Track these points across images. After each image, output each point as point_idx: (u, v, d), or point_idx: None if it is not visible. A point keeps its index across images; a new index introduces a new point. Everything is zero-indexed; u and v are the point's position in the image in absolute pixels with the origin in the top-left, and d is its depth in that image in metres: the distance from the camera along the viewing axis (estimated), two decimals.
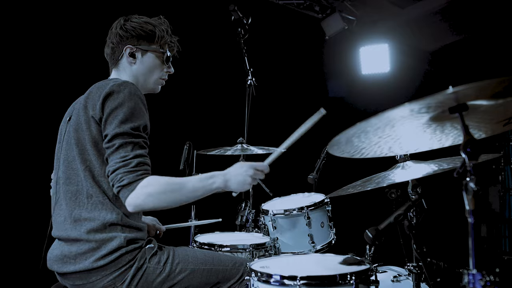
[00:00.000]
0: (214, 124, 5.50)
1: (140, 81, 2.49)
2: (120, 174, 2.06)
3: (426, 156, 2.24)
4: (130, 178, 2.04)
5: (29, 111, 4.30)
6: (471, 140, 1.43)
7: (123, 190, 2.05)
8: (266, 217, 3.27)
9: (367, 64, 6.75)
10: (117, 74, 2.51)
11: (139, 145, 2.13)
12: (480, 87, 1.32)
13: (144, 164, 2.11)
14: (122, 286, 2.13)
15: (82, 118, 2.20)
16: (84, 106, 2.22)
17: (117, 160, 2.08)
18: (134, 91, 2.19)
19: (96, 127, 2.17)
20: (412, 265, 2.25)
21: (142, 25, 2.46)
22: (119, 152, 2.09)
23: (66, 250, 2.15)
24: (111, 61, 2.54)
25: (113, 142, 2.10)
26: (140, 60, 2.49)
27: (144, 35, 2.47)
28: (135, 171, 2.06)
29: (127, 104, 2.14)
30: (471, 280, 1.36)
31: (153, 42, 2.50)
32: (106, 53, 2.55)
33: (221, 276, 2.32)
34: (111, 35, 2.49)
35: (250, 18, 4.21)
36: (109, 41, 2.51)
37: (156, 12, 2.60)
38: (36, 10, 4.35)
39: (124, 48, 2.46)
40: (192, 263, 2.28)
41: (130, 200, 2.04)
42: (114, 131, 2.10)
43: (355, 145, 1.72)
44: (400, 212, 1.96)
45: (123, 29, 2.45)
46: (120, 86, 2.18)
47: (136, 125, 2.14)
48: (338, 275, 1.95)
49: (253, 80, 4.15)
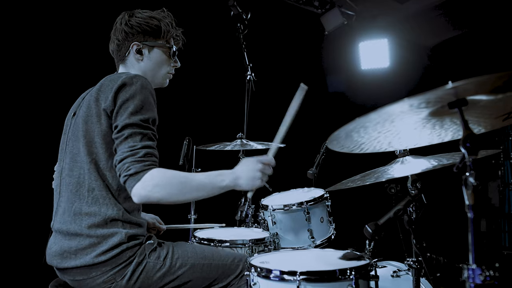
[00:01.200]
0: (214, 119, 5.49)
1: (148, 76, 2.48)
2: (128, 163, 2.05)
3: (425, 151, 2.24)
4: (137, 168, 2.03)
5: (32, 104, 4.29)
6: (470, 135, 1.43)
7: (129, 180, 2.04)
8: (266, 212, 3.27)
9: (367, 59, 6.75)
10: (125, 69, 2.52)
11: (147, 136, 2.13)
12: (479, 82, 1.32)
13: (152, 155, 2.10)
14: (122, 281, 2.13)
15: (94, 111, 2.20)
16: (96, 99, 2.21)
17: (125, 150, 2.07)
18: (146, 84, 2.20)
19: (106, 120, 2.17)
20: (412, 260, 2.25)
21: (148, 21, 2.46)
22: (127, 141, 2.09)
23: (66, 245, 2.15)
24: (118, 57, 2.54)
25: (122, 132, 2.10)
26: (147, 57, 2.50)
27: (150, 30, 2.47)
28: (142, 161, 2.05)
29: (138, 97, 2.14)
30: (470, 275, 1.36)
31: (159, 38, 2.51)
32: (112, 49, 2.55)
33: (221, 271, 2.32)
34: (116, 31, 2.49)
35: (250, 13, 4.20)
36: (114, 37, 2.50)
37: (155, 7, 2.59)
38: (38, 6, 4.33)
39: (130, 45, 2.46)
40: (192, 258, 2.28)
41: (135, 190, 2.03)
42: (124, 122, 2.10)
43: (354, 140, 1.72)
44: (399, 207, 1.96)
45: (128, 25, 2.45)
46: (132, 78, 2.18)
47: (146, 117, 2.14)
48: (338, 270, 1.95)
49: (253, 76, 4.15)
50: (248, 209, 3.49)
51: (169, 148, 4.28)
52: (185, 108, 5.27)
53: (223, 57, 5.40)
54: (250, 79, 4.16)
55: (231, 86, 5.11)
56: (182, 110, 5.22)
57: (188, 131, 4.04)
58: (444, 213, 5.33)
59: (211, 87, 5.53)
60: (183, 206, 3.42)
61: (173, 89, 2.81)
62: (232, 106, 5.00)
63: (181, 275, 2.24)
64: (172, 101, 4.74)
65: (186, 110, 5.27)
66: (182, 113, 5.19)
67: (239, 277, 2.34)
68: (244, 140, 3.81)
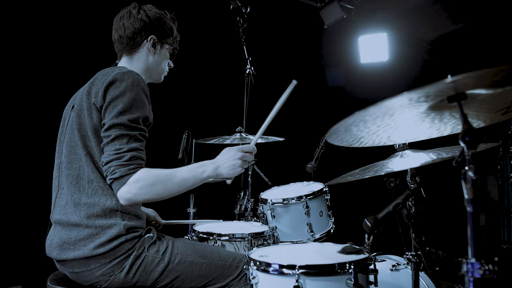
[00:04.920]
0: (213, 113, 5.49)
1: (152, 70, 2.52)
2: (113, 166, 2.07)
3: (424, 145, 2.23)
4: (122, 172, 2.06)
5: (29, 97, 4.29)
6: (469, 129, 1.43)
7: (114, 183, 2.08)
8: (265, 206, 3.27)
9: (366, 53, 6.73)
10: (129, 60, 2.50)
11: (134, 138, 2.13)
12: (479, 76, 1.31)
13: (138, 158, 2.12)
14: (121, 274, 2.14)
15: (85, 104, 2.21)
16: (88, 92, 2.23)
17: (111, 152, 2.09)
18: (138, 81, 2.19)
19: (97, 115, 2.18)
20: (411, 254, 2.25)
21: (164, 19, 2.51)
22: (114, 143, 2.10)
23: (65, 236, 2.17)
24: (127, 46, 2.48)
25: (109, 132, 2.12)
26: (158, 51, 2.52)
27: (166, 28, 2.51)
28: (127, 165, 2.08)
29: (128, 95, 2.14)
30: (469, 269, 1.36)
31: (169, 37, 2.55)
32: (121, 36, 2.46)
33: (220, 271, 2.33)
34: (132, 19, 2.44)
35: (249, 7, 4.19)
36: (130, 25, 2.44)
37: (156, 4, 2.59)
38: (36, 4, 4.33)
39: (149, 37, 2.46)
40: (191, 255, 2.29)
41: (121, 193, 2.07)
42: (112, 121, 2.11)
43: (353, 134, 1.72)
44: (399, 201, 1.97)
45: (149, 16, 2.45)
46: (124, 75, 2.18)
47: (135, 116, 2.14)
48: (337, 264, 1.95)
49: (252, 69, 4.15)
50: (247, 203, 3.50)
51: (169, 142, 4.30)
52: (185, 101, 5.27)
53: (222, 51, 5.40)
54: (250, 73, 4.15)
55: (230, 80, 5.11)
56: (182, 104, 5.22)
57: (188, 125, 4.04)
58: (443, 207, 5.33)
59: (211, 81, 5.53)
60: (182, 201, 3.43)
61: (173, 82, 2.82)
62: (231, 100, 5.00)
63: (180, 271, 2.24)
64: (171, 95, 4.74)
65: (186, 103, 5.27)
66: (181, 107, 5.20)
67: (238, 279, 2.34)
68: (243, 134, 3.82)
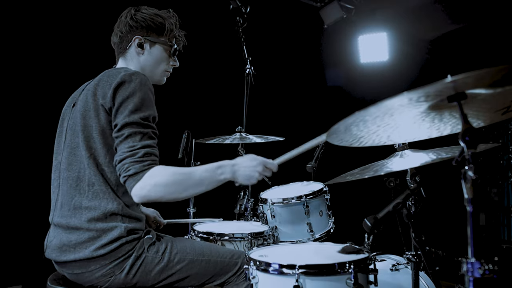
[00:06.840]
0: (213, 113, 5.50)
1: (146, 72, 2.49)
2: (127, 164, 2.06)
3: (424, 145, 2.23)
4: (137, 168, 2.05)
5: (28, 98, 4.29)
6: (469, 129, 1.43)
7: (129, 180, 2.06)
8: (265, 205, 3.27)
9: (366, 53, 6.72)
10: (125, 63, 2.52)
11: (147, 135, 2.13)
12: (478, 76, 1.31)
13: (152, 154, 2.11)
14: (121, 275, 2.14)
15: (91, 105, 2.20)
16: (94, 93, 2.22)
17: (125, 150, 2.08)
18: (145, 81, 2.20)
19: (105, 116, 2.18)
20: (411, 253, 2.25)
21: (153, 17, 2.48)
22: (127, 141, 2.09)
23: (65, 239, 2.16)
24: (119, 49, 2.54)
25: (122, 131, 2.11)
26: (148, 51, 2.51)
27: (154, 27, 2.49)
28: (141, 161, 2.06)
29: (137, 94, 2.14)
30: (469, 269, 1.36)
31: (162, 35, 2.52)
32: (114, 41, 2.55)
33: (219, 268, 2.33)
34: (120, 24, 2.50)
35: (249, 6, 4.19)
36: (118, 30, 2.50)
37: (156, 3, 2.60)
38: (36, 4, 4.33)
39: (133, 38, 2.47)
40: (190, 254, 2.29)
41: (135, 190, 2.05)
42: (124, 121, 2.11)
43: (353, 134, 1.72)
44: (398, 200, 1.97)
45: (134, 19, 2.46)
46: (131, 76, 2.18)
47: (146, 115, 2.15)
48: (337, 264, 1.95)
49: (252, 69, 4.15)
50: (247, 203, 3.50)
51: (168, 142, 4.28)
52: (185, 101, 5.27)
53: (222, 51, 5.40)
54: (249, 73, 4.16)
55: (230, 80, 5.11)
56: (182, 104, 5.22)
57: (187, 125, 4.04)
58: (443, 206, 5.33)
59: (211, 81, 5.53)
60: (182, 200, 3.43)
61: (173, 82, 2.81)
62: (231, 100, 5.00)
63: (179, 270, 2.25)
64: (171, 95, 4.73)
65: (186, 103, 5.28)
66: (181, 107, 5.20)
67: (237, 274, 2.35)
68: (243, 134, 3.81)
